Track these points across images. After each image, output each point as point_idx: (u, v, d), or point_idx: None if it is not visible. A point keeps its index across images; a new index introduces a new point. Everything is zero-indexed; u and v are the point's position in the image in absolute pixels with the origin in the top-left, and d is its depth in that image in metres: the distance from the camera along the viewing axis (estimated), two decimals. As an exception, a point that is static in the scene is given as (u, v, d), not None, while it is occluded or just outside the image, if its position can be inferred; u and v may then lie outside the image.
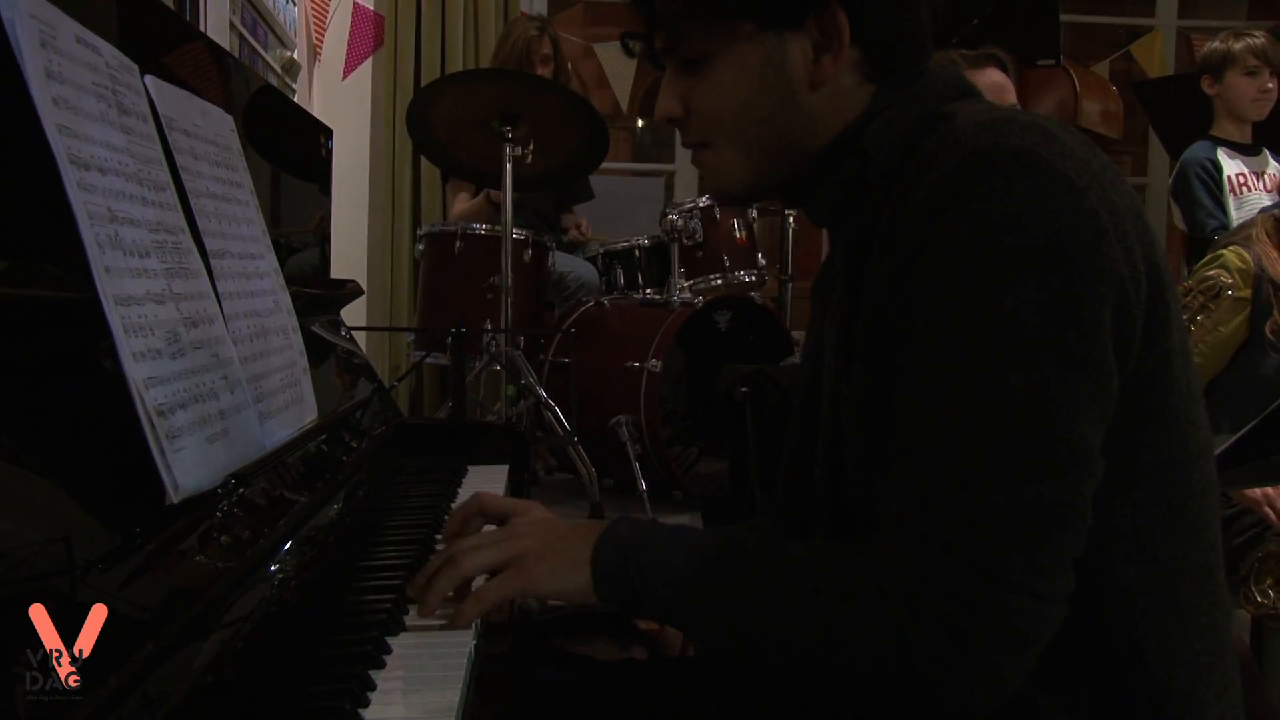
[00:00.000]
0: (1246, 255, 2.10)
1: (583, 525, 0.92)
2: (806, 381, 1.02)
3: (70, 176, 0.73)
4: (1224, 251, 2.14)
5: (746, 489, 1.92)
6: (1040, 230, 0.72)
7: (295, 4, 3.87)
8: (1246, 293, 2.09)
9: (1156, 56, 4.76)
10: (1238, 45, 3.14)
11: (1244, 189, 3.22)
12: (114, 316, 0.74)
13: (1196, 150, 3.26)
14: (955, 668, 0.72)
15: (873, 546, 0.77)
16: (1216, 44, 3.22)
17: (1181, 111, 3.51)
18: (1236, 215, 3.14)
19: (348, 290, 1.64)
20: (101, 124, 0.80)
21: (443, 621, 0.89)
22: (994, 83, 2.13)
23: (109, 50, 0.85)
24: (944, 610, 0.72)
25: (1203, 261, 2.20)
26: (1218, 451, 1.45)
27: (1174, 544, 0.80)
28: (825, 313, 0.97)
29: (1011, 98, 2.14)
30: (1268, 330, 2.08)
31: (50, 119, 0.72)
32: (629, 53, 0.96)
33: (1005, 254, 0.72)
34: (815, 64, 0.85)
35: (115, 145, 0.81)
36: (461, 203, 3.74)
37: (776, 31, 0.85)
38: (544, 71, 3.57)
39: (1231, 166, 3.23)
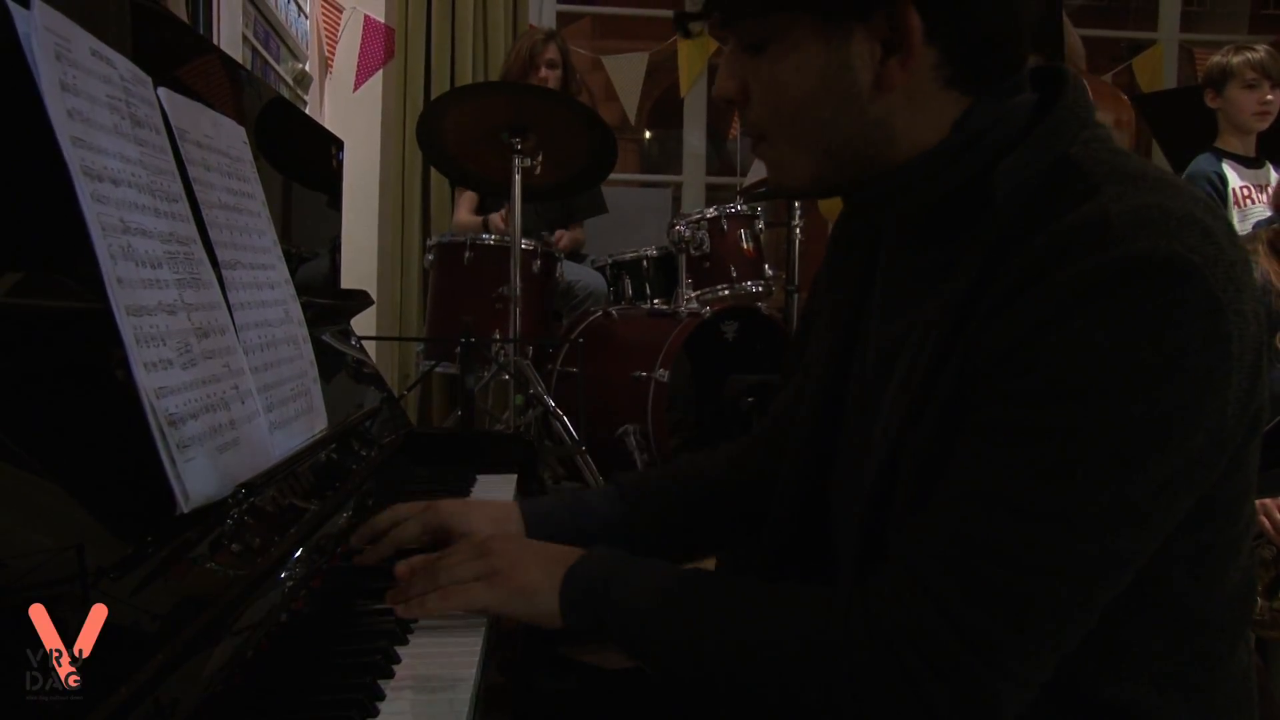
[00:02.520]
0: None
1: (556, 550, 0.92)
2: (813, 406, 0.97)
3: (84, 188, 0.74)
4: None
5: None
6: (1170, 350, 0.68)
7: (307, 17, 3.90)
8: None
9: (1158, 70, 4.77)
10: (1237, 59, 3.20)
11: (1247, 202, 3.24)
12: (126, 327, 0.75)
13: (1202, 163, 3.28)
14: None
15: (849, 592, 0.77)
16: (1218, 58, 3.28)
17: (1184, 125, 3.52)
18: (1239, 228, 3.15)
19: (358, 300, 1.65)
20: (115, 136, 0.81)
21: (450, 627, 0.89)
22: None
23: (123, 63, 0.85)
24: (914, 672, 0.72)
25: None
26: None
27: (1211, 611, 0.79)
28: (847, 315, 0.95)
29: None
30: (1277, 342, 2.09)
31: (65, 131, 0.73)
32: (685, 33, 0.89)
33: (1128, 365, 0.69)
34: (882, 65, 0.77)
35: (128, 157, 0.82)
36: (465, 209, 3.75)
37: (840, 27, 0.77)
38: (549, 75, 3.57)
39: (1236, 180, 3.26)
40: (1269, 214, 3.10)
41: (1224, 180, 3.23)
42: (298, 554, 0.92)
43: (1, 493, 0.62)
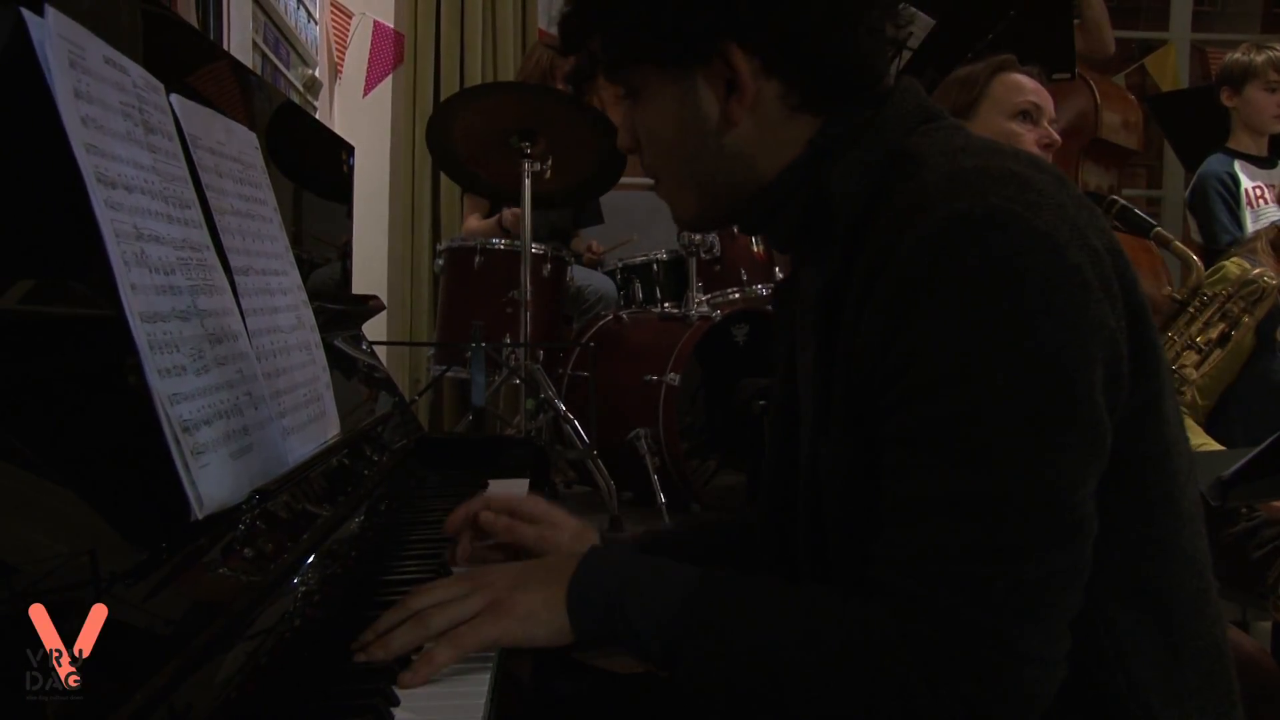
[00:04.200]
0: (1249, 266, 2.14)
1: (554, 564, 0.89)
2: (779, 411, 0.99)
3: (98, 195, 0.74)
4: (1226, 263, 2.20)
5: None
6: (1027, 295, 0.70)
7: (317, 22, 3.91)
8: None
9: (1170, 70, 4.76)
10: (1259, 58, 3.11)
11: (1260, 201, 3.20)
12: (140, 333, 0.75)
13: (1214, 164, 3.24)
14: None
15: (880, 610, 0.75)
16: (1238, 56, 3.19)
17: (1196, 124, 3.50)
18: (1252, 228, 3.13)
19: (369, 306, 1.66)
20: (128, 143, 0.81)
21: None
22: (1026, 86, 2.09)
23: (136, 70, 0.86)
24: (960, 685, 0.71)
25: (1206, 273, 2.22)
26: (1237, 466, 1.44)
27: (1169, 576, 0.80)
28: (795, 338, 0.96)
29: (1048, 102, 2.08)
30: (1278, 336, 2.11)
31: (79, 138, 0.73)
32: (578, 91, 0.98)
33: (994, 324, 0.70)
34: (726, 103, 0.83)
35: (142, 164, 0.82)
36: (474, 221, 3.76)
37: (682, 72, 0.83)
38: (567, 90, 3.58)
39: (1248, 180, 3.22)
40: (1280, 213, 3.08)
41: (1236, 180, 3.20)
42: (310, 559, 0.92)
43: (17, 498, 0.62)
